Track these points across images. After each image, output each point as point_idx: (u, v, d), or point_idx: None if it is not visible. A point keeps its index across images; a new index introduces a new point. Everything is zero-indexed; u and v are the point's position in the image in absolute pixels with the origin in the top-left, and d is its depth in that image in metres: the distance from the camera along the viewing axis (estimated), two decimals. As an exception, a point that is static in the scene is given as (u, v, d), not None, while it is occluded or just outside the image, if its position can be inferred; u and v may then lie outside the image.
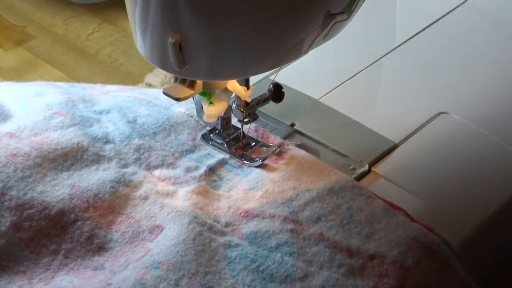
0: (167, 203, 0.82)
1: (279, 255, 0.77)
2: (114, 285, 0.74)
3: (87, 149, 0.85)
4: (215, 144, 0.88)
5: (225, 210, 0.81)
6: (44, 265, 0.78)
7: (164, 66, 0.76)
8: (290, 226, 0.79)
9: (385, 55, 1.02)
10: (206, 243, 0.77)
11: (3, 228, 0.78)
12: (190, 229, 0.78)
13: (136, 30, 0.76)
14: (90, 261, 0.78)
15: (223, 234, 0.79)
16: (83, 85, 1.00)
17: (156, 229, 0.79)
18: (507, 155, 0.90)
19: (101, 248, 0.79)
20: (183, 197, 0.82)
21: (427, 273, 0.76)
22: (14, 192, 0.80)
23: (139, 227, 0.80)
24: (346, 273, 0.76)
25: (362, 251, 0.77)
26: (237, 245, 0.78)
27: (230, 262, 0.76)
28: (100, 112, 0.90)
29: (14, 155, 0.83)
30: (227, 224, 0.80)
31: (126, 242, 0.79)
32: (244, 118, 0.86)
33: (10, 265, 0.77)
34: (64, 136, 0.86)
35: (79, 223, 0.80)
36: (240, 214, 0.81)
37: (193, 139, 0.89)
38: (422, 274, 0.76)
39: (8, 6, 1.37)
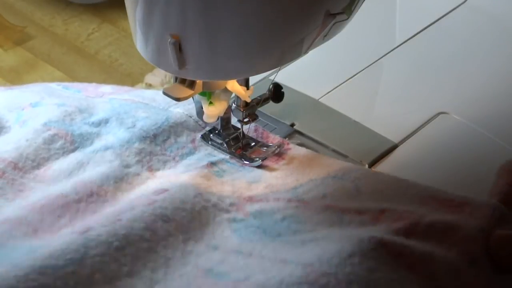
0: (172, 180, 0.82)
1: (285, 223, 0.77)
2: (125, 220, 0.74)
3: (88, 163, 0.85)
4: (215, 144, 0.88)
5: (229, 194, 0.82)
6: (49, 224, 0.77)
7: (164, 66, 0.76)
8: (295, 204, 0.79)
9: (385, 55, 1.02)
10: (210, 217, 0.78)
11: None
12: (196, 202, 0.78)
13: (136, 30, 0.76)
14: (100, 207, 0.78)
15: (228, 211, 0.79)
16: (77, 86, 0.99)
17: (161, 190, 0.80)
18: (507, 155, 0.90)
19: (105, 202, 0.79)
20: (187, 177, 0.82)
21: (443, 213, 0.75)
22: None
23: (146, 192, 0.80)
24: (357, 226, 0.75)
25: (373, 209, 0.76)
26: (242, 220, 0.78)
27: (235, 231, 0.77)
28: (99, 124, 0.90)
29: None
30: (231, 204, 0.80)
31: (133, 198, 0.80)
32: (244, 118, 0.86)
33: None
34: (66, 164, 0.86)
35: (82, 204, 0.79)
36: (244, 198, 0.81)
37: (193, 141, 0.88)
38: (437, 214, 0.74)
39: (8, 6, 1.37)
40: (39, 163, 0.86)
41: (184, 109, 0.91)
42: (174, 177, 0.83)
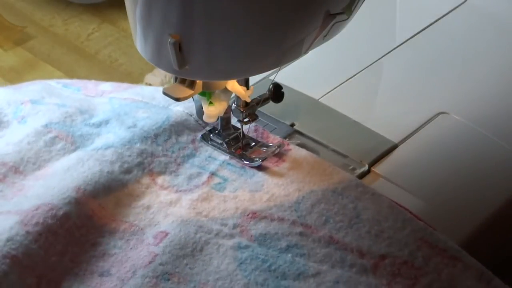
0: (171, 212, 0.82)
1: (289, 255, 0.77)
2: None
3: (88, 160, 0.85)
4: (215, 144, 0.88)
5: (232, 212, 0.81)
6: (51, 266, 0.77)
7: (164, 66, 0.76)
8: (299, 229, 0.79)
9: (385, 55, 1.02)
10: (214, 251, 0.78)
11: (8, 224, 0.77)
12: (197, 239, 0.78)
13: (136, 30, 0.76)
14: (95, 267, 0.78)
15: (232, 236, 0.79)
16: (77, 83, 0.99)
17: (160, 234, 0.79)
18: (507, 155, 0.90)
19: (105, 254, 0.79)
20: (187, 206, 0.82)
21: (439, 270, 0.76)
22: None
23: (143, 234, 0.80)
24: (359, 272, 0.76)
25: (373, 251, 0.77)
26: (246, 247, 0.78)
27: (241, 263, 0.77)
28: (99, 124, 0.90)
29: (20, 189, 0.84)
30: (235, 226, 0.80)
31: (131, 248, 0.79)
32: (244, 118, 0.86)
33: (19, 255, 0.76)
34: (66, 161, 0.86)
35: (83, 229, 0.80)
36: (248, 215, 0.81)
37: (193, 141, 0.88)
38: (434, 271, 0.76)
39: (8, 6, 1.37)
40: (40, 165, 0.86)
41: (184, 107, 0.91)
42: (174, 207, 0.82)
